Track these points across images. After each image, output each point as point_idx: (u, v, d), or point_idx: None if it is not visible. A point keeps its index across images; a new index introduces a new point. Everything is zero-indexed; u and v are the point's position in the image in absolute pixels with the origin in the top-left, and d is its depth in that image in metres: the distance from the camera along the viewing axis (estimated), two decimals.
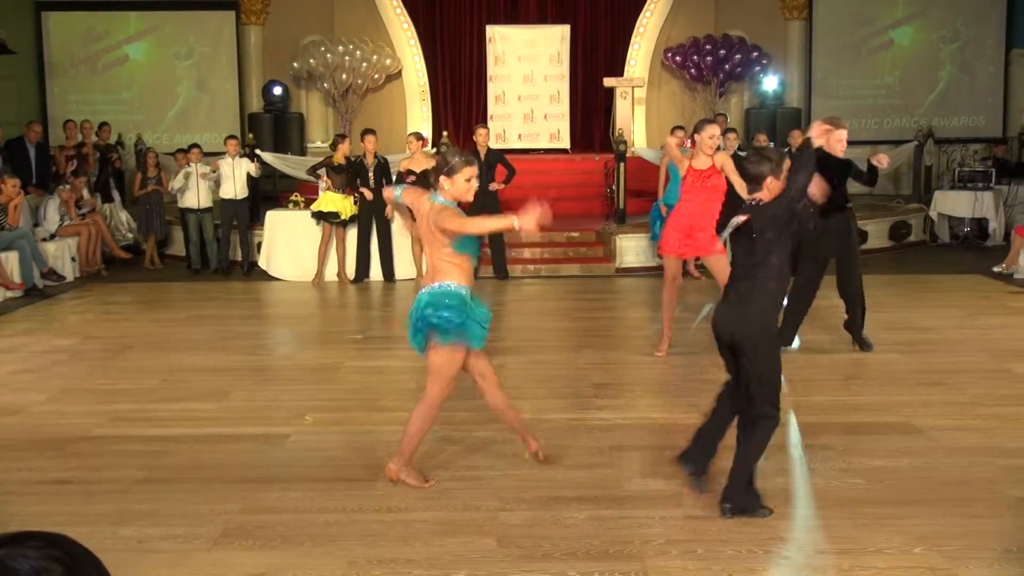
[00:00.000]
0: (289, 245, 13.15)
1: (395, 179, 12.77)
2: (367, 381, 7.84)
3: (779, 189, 4.94)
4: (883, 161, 8.30)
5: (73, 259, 13.25)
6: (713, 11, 18.82)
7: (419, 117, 18.70)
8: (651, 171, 14.81)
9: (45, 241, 12.90)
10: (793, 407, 6.89)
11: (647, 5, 18.61)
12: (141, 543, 4.80)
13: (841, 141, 8.01)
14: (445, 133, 16.06)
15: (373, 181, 12.67)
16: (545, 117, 18.34)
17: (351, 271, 12.88)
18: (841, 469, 5.66)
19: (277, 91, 18.10)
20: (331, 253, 12.88)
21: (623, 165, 14.00)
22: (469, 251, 5.30)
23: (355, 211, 12.72)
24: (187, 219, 13.53)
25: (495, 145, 14.16)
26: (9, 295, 11.62)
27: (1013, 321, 9.97)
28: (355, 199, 12.72)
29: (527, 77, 18.38)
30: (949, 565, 4.43)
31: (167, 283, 12.93)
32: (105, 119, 16.51)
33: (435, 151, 13.98)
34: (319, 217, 12.77)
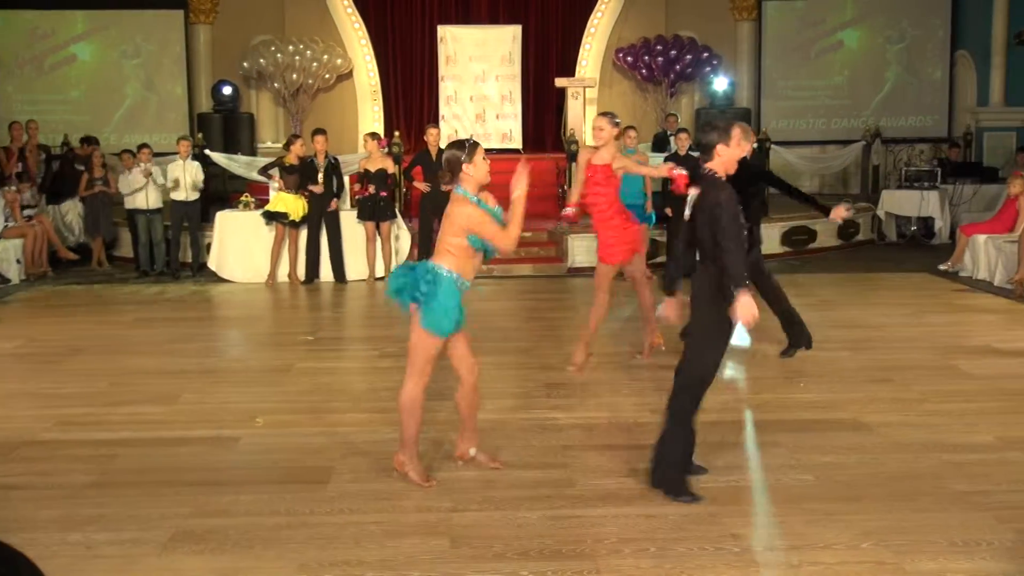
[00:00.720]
0: (240, 246, 13.04)
1: (359, 179, 12.75)
2: (318, 383, 7.80)
3: (729, 156, 5.29)
4: (840, 215, 8.20)
5: (19, 261, 13.04)
6: (664, 12, 18.92)
7: (370, 117, 18.63)
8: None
9: None
10: (744, 405, 6.95)
11: (598, 6, 18.67)
12: (89, 549, 4.74)
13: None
14: (397, 133, 15.98)
15: (324, 181, 12.62)
16: (497, 117, 18.35)
17: (302, 272, 12.81)
18: (790, 466, 5.72)
19: (227, 91, 17.95)
20: (283, 254, 12.79)
21: (574, 165, 14.02)
22: (477, 247, 5.43)
23: (307, 212, 12.64)
24: (136, 220, 13.38)
25: (445, 145, 14.13)
26: None
27: (959, 318, 10.13)
28: (304, 193, 12.64)
29: (479, 77, 18.38)
30: (896, 559, 4.49)
31: (115, 285, 12.78)
32: (52, 119, 16.28)
33: (386, 151, 13.93)
34: (269, 217, 12.69)
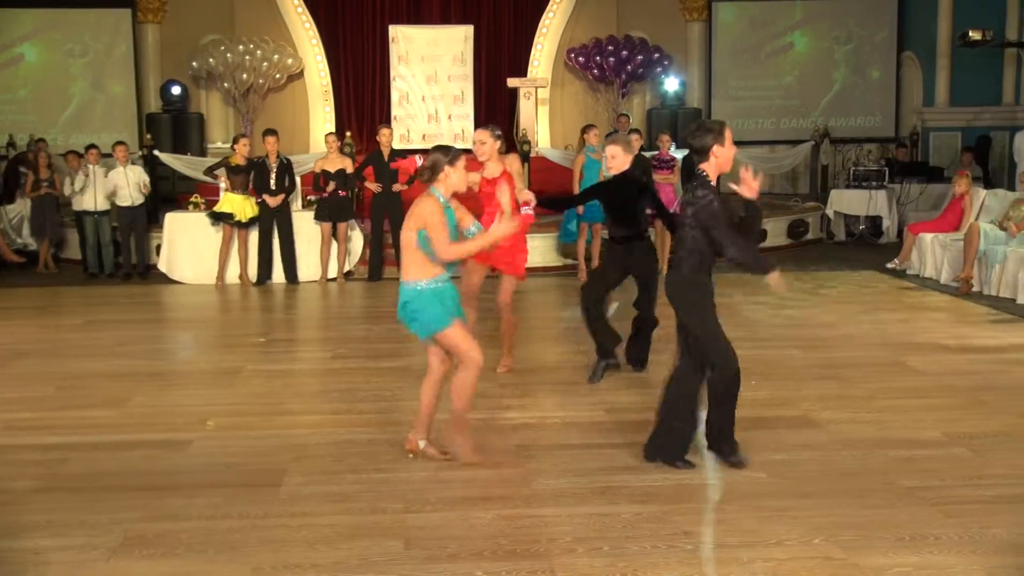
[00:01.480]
0: (189, 247, 12.92)
1: (315, 179, 12.67)
2: (270, 385, 7.75)
3: (724, 156, 5.54)
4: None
5: None
6: (615, 12, 19.02)
7: (322, 117, 18.55)
8: (555, 171, 14.91)
9: None
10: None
11: (550, 6, 18.72)
12: (37, 555, 4.67)
13: (613, 157, 7.58)
14: (348, 133, 15.95)
15: (275, 182, 12.54)
16: (449, 117, 18.35)
17: (254, 273, 12.71)
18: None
19: (176, 91, 17.79)
20: (233, 255, 12.69)
21: (527, 165, 14.05)
22: (424, 248, 5.58)
23: (255, 212, 12.54)
24: (84, 222, 13.22)
25: (399, 146, 14.15)
26: None
27: (906, 316, 10.26)
28: (257, 200, 12.55)
29: (431, 77, 18.38)
30: (845, 554, 4.54)
31: (62, 287, 12.62)
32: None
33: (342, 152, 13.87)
34: (215, 218, 12.58)
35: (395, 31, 18.39)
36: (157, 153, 14.59)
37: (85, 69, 18.55)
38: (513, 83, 17.55)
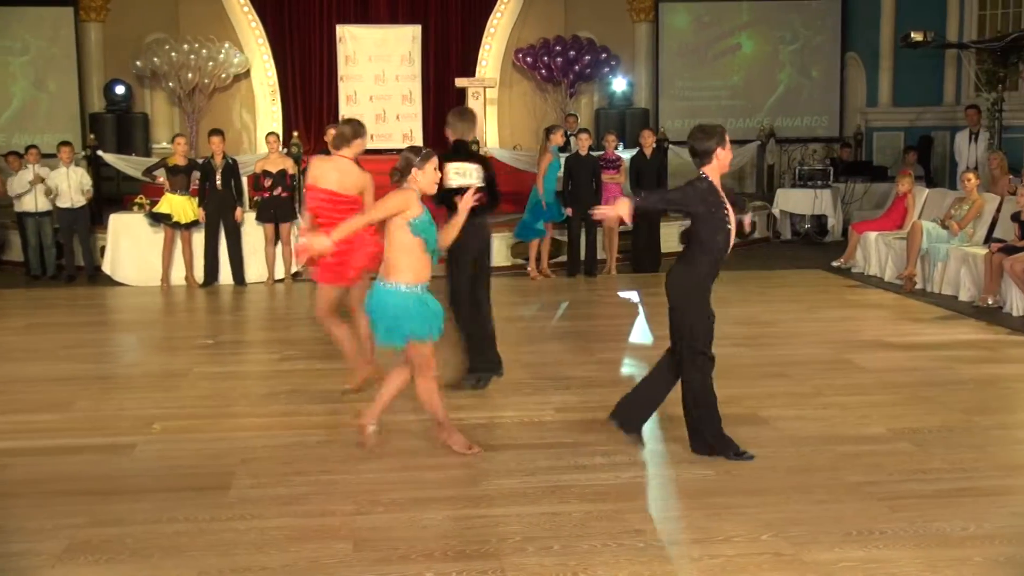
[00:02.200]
0: (134, 249, 12.76)
1: (255, 180, 12.57)
2: (217, 387, 7.67)
3: (724, 159, 5.75)
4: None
5: None
6: (563, 12, 19.05)
7: (269, 117, 18.39)
8: (504, 171, 14.89)
9: None
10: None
11: (497, 6, 18.71)
12: None
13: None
14: (296, 133, 15.83)
15: (221, 182, 12.42)
16: (398, 117, 18.30)
17: (200, 274, 12.58)
18: (690, 461, 5.79)
19: (119, 90, 17.56)
20: (179, 256, 12.55)
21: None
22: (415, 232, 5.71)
23: (197, 214, 12.38)
24: (25, 223, 13.00)
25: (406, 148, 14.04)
26: None
27: (851, 314, 10.40)
28: (202, 201, 12.42)
29: (379, 77, 18.31)
30: (794, 550, 4.59)
31: (3, 290, 12.40)
32: None
33: (286, 151, 13.77)
34: (154, 219, 12.44)
35: (342, 31, 18.29)
36: (101, 153, 14.39)
37: (26, 68, 18.24)
38: (461, 83, 17.54)
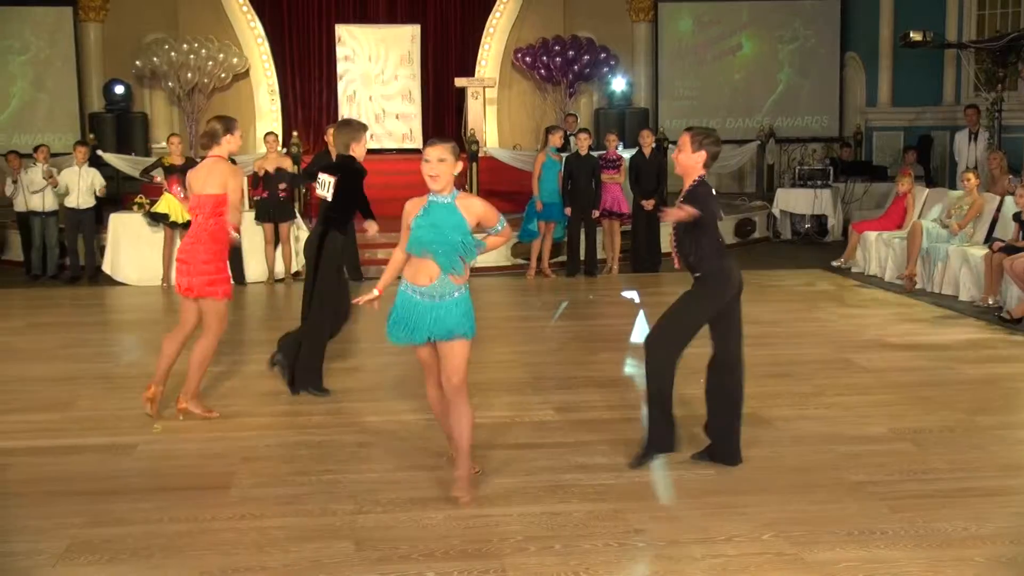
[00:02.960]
0: (134, 249, 12.76)
1: (253, 180, 12.55)
2: (218, 387, 7.66)
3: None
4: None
5: None
6: (562, 12, 19.06)
7: (268, 117, 18.40)
8: (503, 171, 14.93)
9: None
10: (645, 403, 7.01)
11: (496, 5, 18.72)
12: None
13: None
14: (295, 133, 15.84)
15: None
16: (397, 117, 18.31)
17: None
18: (691, 461, 5.79)
19: (119, 90, 17.56)
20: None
21: (475, 165, 14.06)
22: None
23: None
24: (31, 222, 12.99)
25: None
26: None
27: (852, 313, 10.39)
28: None
29: (378, 76, 18.31)
30: (795, 549, 4.59)
31: (4, 289, 12.39)
32: None
33: (285, 151, 13.77)
34: (152, 219, 12.44)
35: (341, 30, 18.31)
36: (100, 153, 14.39)
37: (26, 68, 18.26)
38: (461, 83, 17.55)
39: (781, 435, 6.30)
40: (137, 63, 17.87)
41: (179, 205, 12.34)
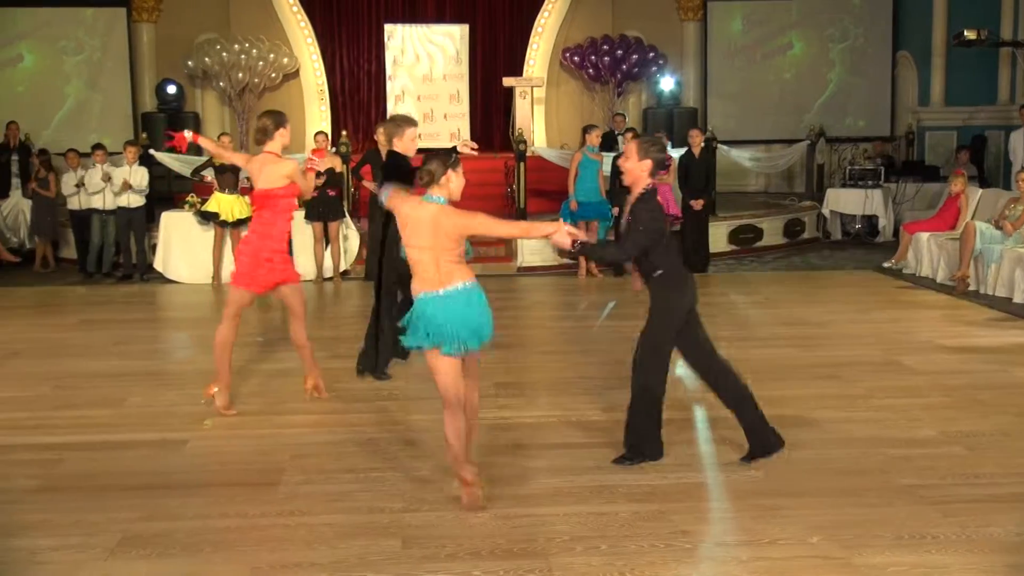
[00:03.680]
0: (185, 247, 12.91)
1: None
2: (267, 384, 7.73)
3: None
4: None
5: None
6: (610, 12, 19.01)
7: (317, 116, 18.52)
8: (551, 170, 14.91)
9: None
10: (693, 403, 7.00)
11: (545, 5, 18.70)
12: (34, 555, 4.66)
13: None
14: (344, 132, 15.92)
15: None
16: (445, 116, 18.35)
17: None
18: (739, 462, 5.76)
19: (171, 90, 17.77)
20: (228, 254, 12.67)
21: (523, 164, 14.06)
22: (467, 249, 5.37)
23: (247, 212, 12.49)
24: (91, 221, 13.18)
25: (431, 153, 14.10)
26: None
27: (903, 315, 10.27)
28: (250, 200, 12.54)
29: (426, 76, 18.38)
30: (843, 553, 4.55)
31: (59, 287, 12.59)
32: None
33: (334, 150, 13.85)
34: (202, 217, 12.57)
35: (391, 30, 18.39)
36: (152, 152, 14.55)
37: (80, 68, 18.51)
38: (509, 82, 17.56)
39: (829, 437, 6.24)
40: (189, 63, 18.06)
41: (229, 204, 12.48)
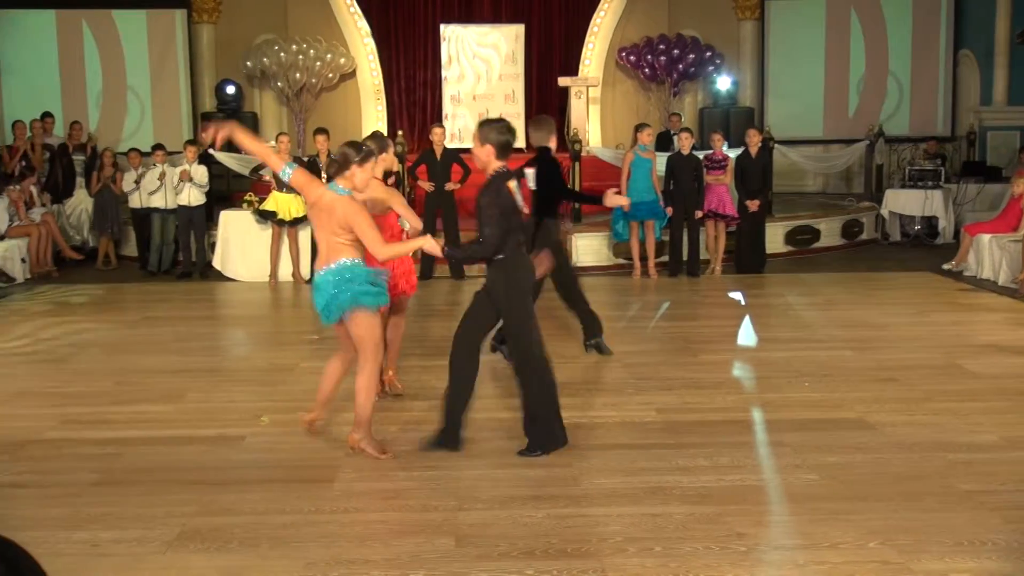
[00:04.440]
0: (243, 245, 13.05)
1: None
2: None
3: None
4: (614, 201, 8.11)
5: (23, 260, 13.05)
6: (666, 11, 18.93)
7: (374, 116, 18.63)
8: (607, 171, 14.86)
9: None
10: (749, 405, 6.95)
11: (601, 5, 18.66)
12: (95, 547, 4.74)
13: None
14: (400, 132, 16.00)
15: (327, 180, 12.58)
16: (500, 117, 18.33)
17: (305, 271, 12.81)
18: (795, 465, 5.71)
19: (230, 90, 17.96)
20: (285, 253, 12.80)
21: (578, 164, 14.03)
22: None
23: (302, 211, 12.60)
24: (151, 219, 13.38)
25: (450, 145, 14.16)
26: None
27: (963, 318, 10.12)
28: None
29: (482, 76, 18.40)
30: (902, 559, 4.49)
31: (120, 284, 12.79)
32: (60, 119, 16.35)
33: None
34: (261, 216, 12.70)
35: (446, 30, 18.44)
36: (212, 151, 14.72)
37: (141, 69, 18.76)
38: (564, 82, 17.54)
39: (887, 441, 6.16)
40: (248, 63, 18.25)
41: (287, 203, 12.60)
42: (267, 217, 12.66)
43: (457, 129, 17.84)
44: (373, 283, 5.77)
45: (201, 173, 13.26)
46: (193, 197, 13.18)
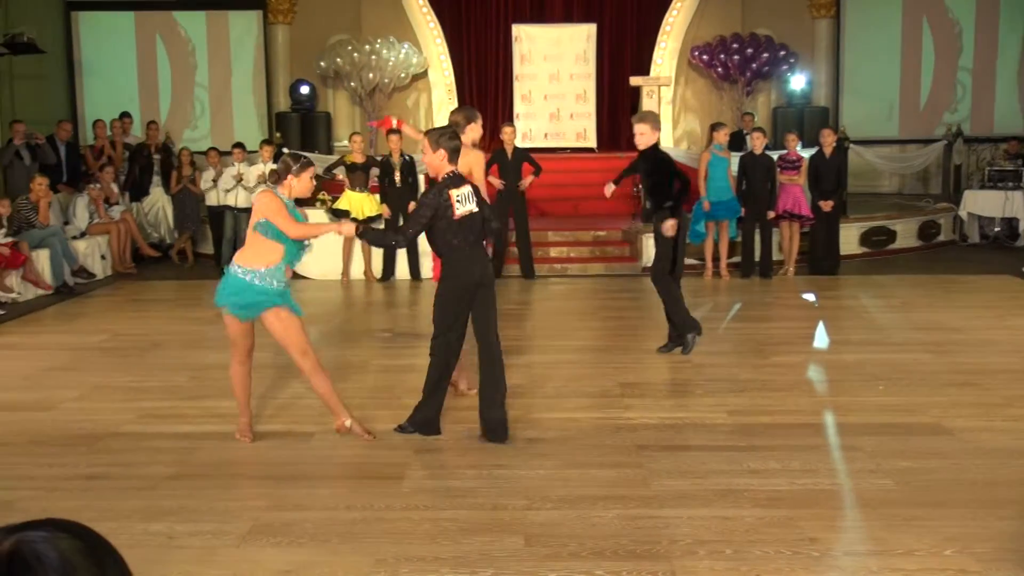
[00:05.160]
0: (315, 244, 13.11)
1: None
2: (393, 379, 7.85)
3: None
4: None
5: (103, 257, 13.34)
6: (740, 10, 18.76)
7: (446, 116, 18.66)
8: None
9: (75, 239, 13.00)
10: (822, 408, 6.86)
11: (673, 4, 18.54)
12: (170, 539, 4.83)
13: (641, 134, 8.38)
14: None
15: (400, 179, 12.70)
16: (571, 116, 18.34)
17: (377, 270, 12.91)
18: (870, 470, 5.62)
19: (304, 90, 18.17)
20: (358, 252, 12.92)
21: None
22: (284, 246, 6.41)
23: (378, 210, 12.72)
24: (224, 217, 13.60)
25: (521, 144, 14.18)
26: (40, 293, 11.72)
27: None
28: (384, 198, 12.75)
29: (553, 76, 18.39)
30: (980, 567, 4.39)
31: (197, 281, 12.99)
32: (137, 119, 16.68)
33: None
34: (333, 215, 12.83)
35: (518, 30, 18.46)
36: (286, 151, 14.90)
37: (219, 68, 19.07)
38: (636, 82, 17.42)
39: (965, 447, 6.04)
40: (321, 63, 18.44)
41: (360, 202, 12.72)
42: (340, 216, 12.78)
43: (528, 129, 17.85)
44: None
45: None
46: None
